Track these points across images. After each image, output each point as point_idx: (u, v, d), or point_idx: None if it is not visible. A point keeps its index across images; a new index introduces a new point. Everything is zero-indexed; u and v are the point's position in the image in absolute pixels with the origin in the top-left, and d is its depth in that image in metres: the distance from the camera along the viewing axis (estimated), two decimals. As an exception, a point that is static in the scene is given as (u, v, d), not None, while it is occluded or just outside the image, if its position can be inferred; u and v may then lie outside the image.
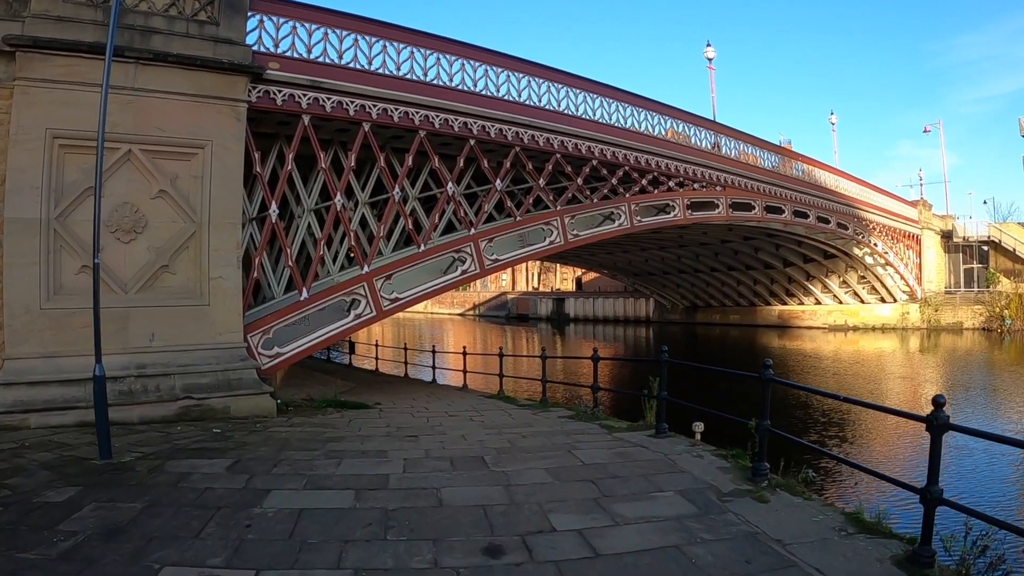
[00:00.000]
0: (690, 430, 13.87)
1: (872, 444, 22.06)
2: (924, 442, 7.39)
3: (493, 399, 22.00)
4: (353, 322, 20.94)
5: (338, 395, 21.23)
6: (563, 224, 26.51)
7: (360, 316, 20.96)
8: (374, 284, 21.22)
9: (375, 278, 21.30)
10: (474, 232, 23.88)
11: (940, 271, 70.04)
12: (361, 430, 14.98)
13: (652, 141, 30.61)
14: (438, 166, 23.16)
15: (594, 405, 16.74)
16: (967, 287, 69.42)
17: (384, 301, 21.39)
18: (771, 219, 40.98)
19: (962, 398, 30.43)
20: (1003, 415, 26.79)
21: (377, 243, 21.94)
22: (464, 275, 23.82)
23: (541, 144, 25.64)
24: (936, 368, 42.06)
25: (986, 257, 70.15)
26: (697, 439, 12.62)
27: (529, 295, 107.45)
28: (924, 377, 38.36)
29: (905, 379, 37.49)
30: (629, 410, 17.38)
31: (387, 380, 30.10)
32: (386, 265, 21.99)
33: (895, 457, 20.36)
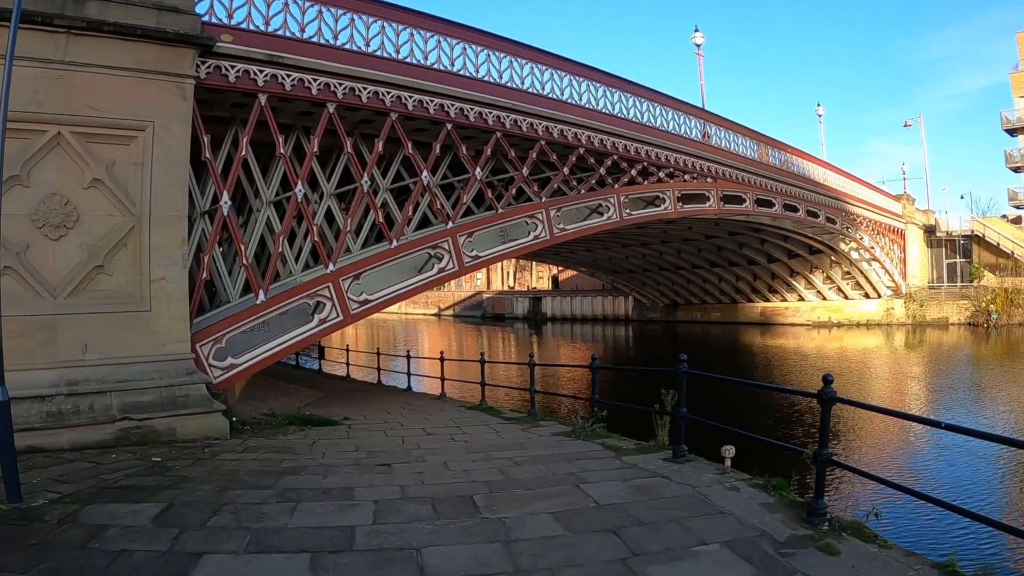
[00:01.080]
0: (707, 448, 11.83)
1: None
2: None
3: (475, 411, 19.88)
4: (317, 328, 18.67)
5: (303, 409, 19.13)
6: (548, 217, 24.39)
7: (325, 321, 18.71)
8: (340, 285, 18.99)
9: (342, 278, 19.06)
10: (452, 226, 21.72)
11: (924, 266, 69.66)
12: (325, 456, 12.76)
13: (641, 129, 28.63)
14: (412, 153, 20.93)
15: (593, 421, 14.58)
16: (950, 282, 69.19)
17: (352, 304, 19.15)
18: (762, 212, 39.27)
19: (957, 397, 29.37)
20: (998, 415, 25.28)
21: (344, 239, 19.68)
22: (441, 274, 21.62)
23: (524, 130, 23.53)
24: (925, 366, 40.89)
25: (969, 252, 69.83)
26: (727, 465, 10.51)
27: (505, 294, 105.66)
28: (913, 375, 37.26)
29: (897, 379, 36.13)
30: (630, 425, 15.22)
31: (359, 388, 27.91)
32: (354, 264, 19.75)
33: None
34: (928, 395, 30.05)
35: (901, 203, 67.39)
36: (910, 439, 20.47)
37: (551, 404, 25.06)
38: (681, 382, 11.39)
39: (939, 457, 18.48)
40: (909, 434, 20.73)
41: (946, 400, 28.51)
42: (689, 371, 11.39)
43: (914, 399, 29.22)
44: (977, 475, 17.08)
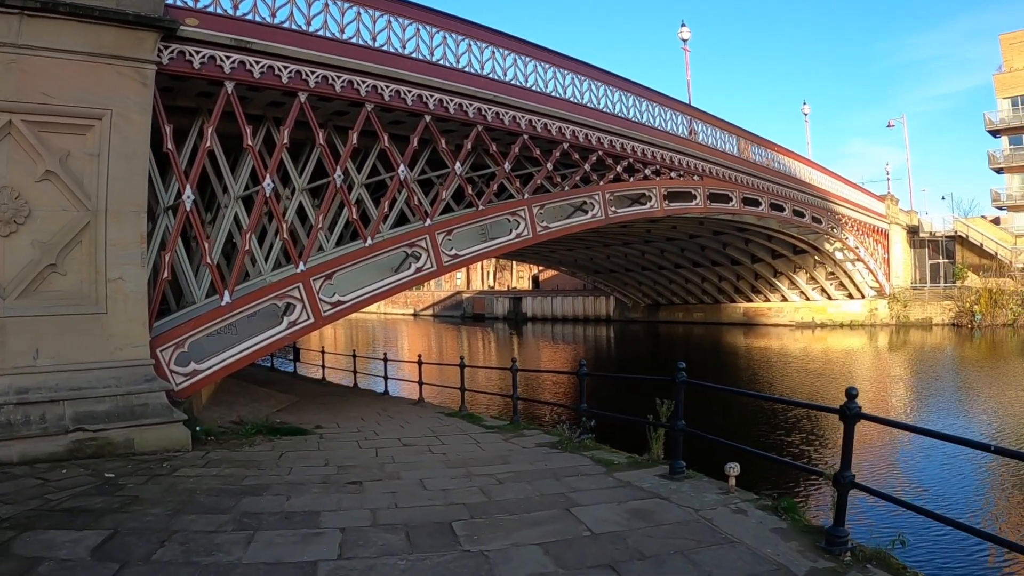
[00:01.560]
0: (704, 460, 10.94)
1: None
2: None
3: (454, 418, 18.93)
4: (287, 331, 17.59)
5: (271, 418, 18.15)
6: (531, 215, 23.41)
7: (295, 323, 17.62)
8: (311, 285, 17.92)
9: (312, 278, 17.98)
10: (430, 223, 20.71)
11: (907, 266, 69.64)
12: (292, 472, 11.73)
13: (627, 124, 27.71)
14: (388, 146, 19.91)
15: (581, 431, 13.61)
16: (933, 282, 69.09)
17: (324, 305, 18.10)
18: (748, 211, 38.52)
19: (950, 401, 28.89)
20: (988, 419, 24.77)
21: (315, 236, 18.60)
22: (419, 273, 20.56)
23: (506, 123, 22.55)
24: (912, 368, 40.16)
25: (952, 252, 69.79)
26: (731, 484, 9.58)
27: (485, 294, 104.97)
28: (902, 377, 36.70)
29: (886, 382, 35.34)
30: (619, 435, 14.28)
31: (334, 392, 26.93)
32: (326, 263, 18.68)
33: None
34: (920, 400, 29.24)
35: (885, 203, 67.13)
36: (912, 451, 19.55)
37: (534, 411, 24.35)
38: (679, 392, 10.47)
39: (951, 471, 17.48)
40: (912, 446, 19.82)
41: (940, 405, 27.81)
42: (688, 380, 10.46)
43: (906, 403, 28.45)
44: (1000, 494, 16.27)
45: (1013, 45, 74.05)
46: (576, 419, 14.26)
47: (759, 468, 10.05)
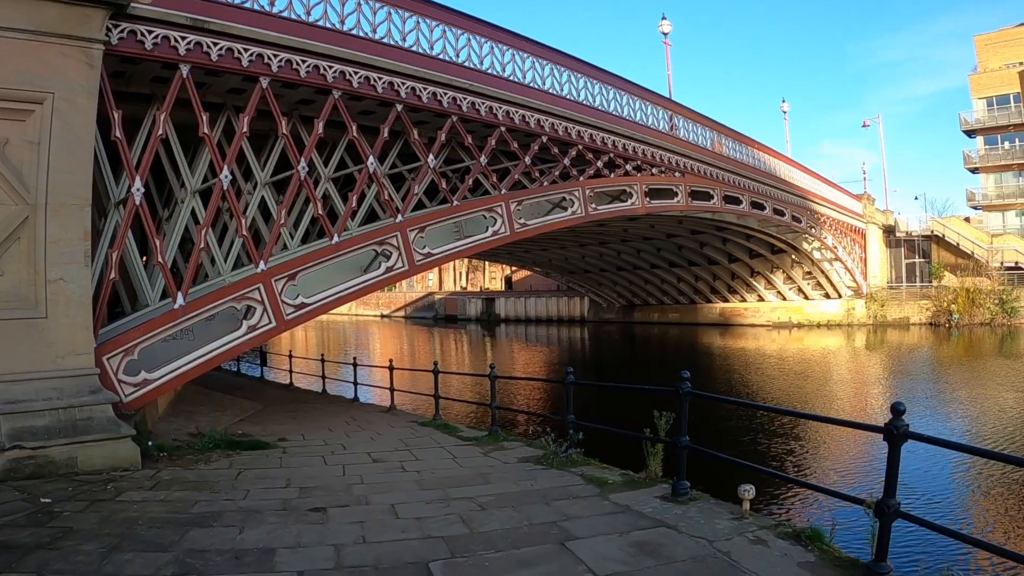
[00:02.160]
0: (702, 474, 9.88)
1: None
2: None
3: (428, 427, 17.70)
4: (247, 335, 16.22)
5: (232, 429, 16.93)
6: (508, 211, 22.21)
7: (256, 328, 16.27)
8: (273, 286, 16.60)
9: (275, 278, 16.66)
10: (401, 220, 19.45)
11: (883, 266, 69.88)
12: (249, 496, 10.46)
13: (608, 118, 26.63)
14: (356, 136, 18.60)
15: (568, 445, 12.42)
16: (909, 282, 69.18)
17: (287, 308, 16.79)
18: (729, 209, 37.62)
19: (931, 401, 28.00)
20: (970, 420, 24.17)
21: (277, 233, 17.29)
22: (389, 273, 19.28)
23: (483, 114, 21.36)
24: (893, 367, 39.56)
25: (928, 252, 69.78)
26: (745, 509, 8.46)
27: (457, 295, 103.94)
28: (877, 378, 36.21)
29: (860, 382, 34.97)
30: (608, 447, 13.12)
31: (302, 399, 25.59)
32: (289, 262, 17.35)
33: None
34: (906, 402, 28.26)
35: (862, 203, 67.21)
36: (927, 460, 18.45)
37: (513, 419, 23.02)
38: (683, 405, 9.33)
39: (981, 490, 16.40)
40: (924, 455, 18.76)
41: (931, 406, 26.89)
42: (694, 392, 9.33)
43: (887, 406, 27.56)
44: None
45: (988, 46, 74.16)
46: (562, 431, 13.05)
47: (761, 483, 8.87)
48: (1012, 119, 71.99)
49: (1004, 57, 72.55)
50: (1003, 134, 73.63)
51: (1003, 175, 74.21)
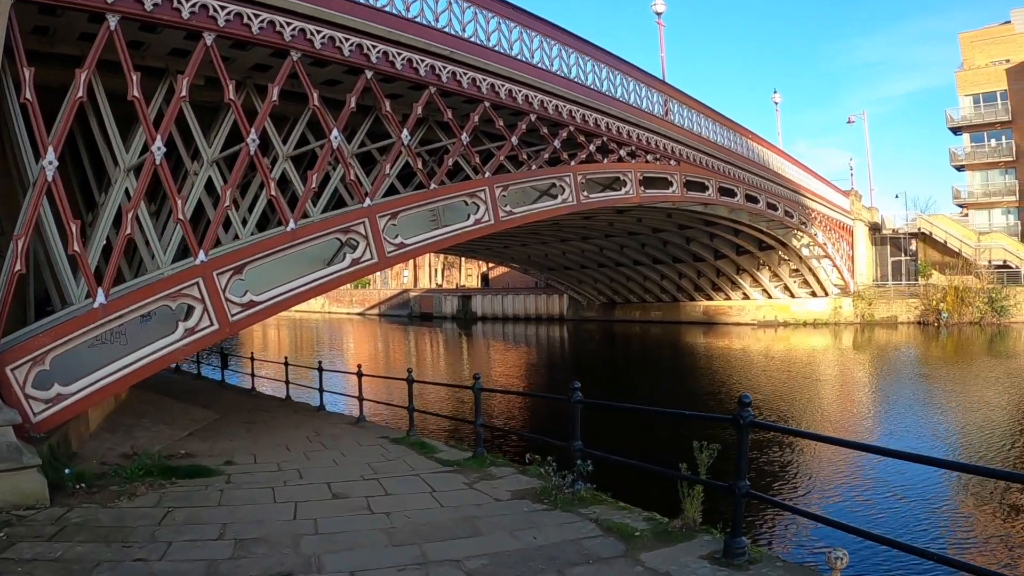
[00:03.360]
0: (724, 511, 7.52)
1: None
2: None
3: (401, 445, 15.17)
4: (183, 340, 13.54)
5: (174, 448, 14.41)
6: (493, 197, 19.68)
7: (195, 330, 13.59)
8: (215, 281, 13.95)
9: (218, 271, 14.00)
10: (369, 205, 16.87)
11: (869, 264, 68.64)
12: (168, 555, 7.92)
13: (601, 98, 24.33)
14: (318, 105, 15.96)
15: (575, 478, 9.92)
16: (895, 280, 67.93)
17: (232, 307, 14.15)
18: (724, 202, 35.57)
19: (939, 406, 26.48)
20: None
21: (220, 217, 14.63)
22: (355, 266, 16.67)
23: (464, 86, 18.89)
24: (887, 370, 37.92)
25: (914, 250, 68.82)
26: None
27: (433, 292, 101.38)
28: (868, 379, 34.66)
29: (851, 383, 33.34)
30: (615, 474, 10.64)
31: (263, 406, 22.92)
32: (235, 252, 14.70)
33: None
34: (910, 408, 26.26)
35: (850, 199, 65.66)
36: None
37: (503, 437, 20.24)
38: (743, 438, 6.92)
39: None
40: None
41: (935, 414, 25.26)
42: (757, 422, 6.95)
43: (887, 408, 25.89)
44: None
45: (974, 43, 73.39)
46: (563, 455, 10.55)
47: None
48: (999, 116, 70.94)
49: (990, 54, 71.70)
50: (989, 131, 72.62)
51: (989, 173, 73.32)
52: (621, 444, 10.73)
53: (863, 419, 25.04)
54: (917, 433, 21.62)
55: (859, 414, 26.06)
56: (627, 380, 36.38)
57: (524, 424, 23.79)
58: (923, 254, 67.56)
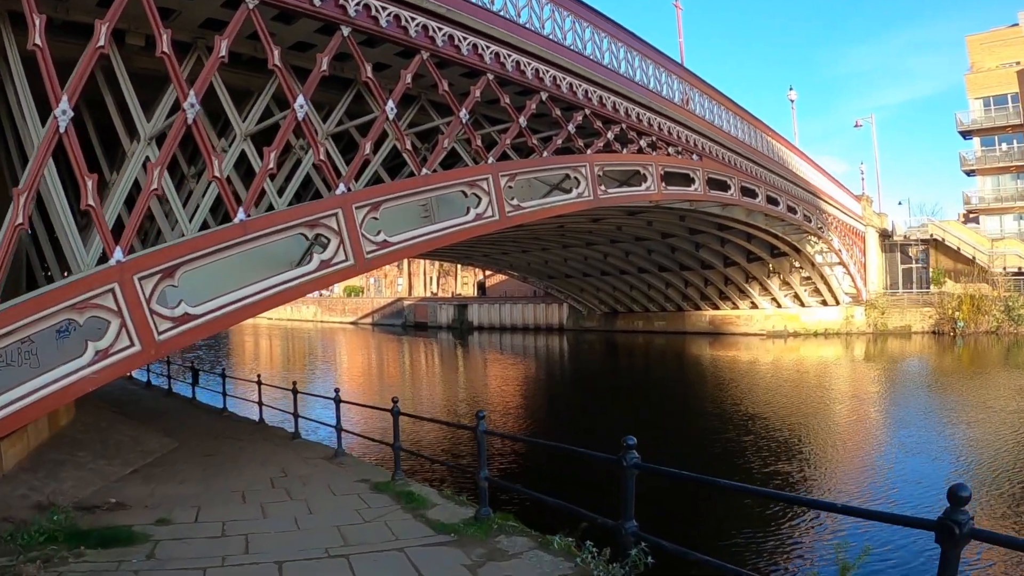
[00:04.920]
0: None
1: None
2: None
3: (385, 494, 12.06)
4: (95, 366, 10.16)
5: (86, 508, 11.25)
6: (498, 188, 16.50)
7: (109, 352, 10.28)
8: (137, 288, 10.75)
9: (140, 275, 10.75)
10: (344, 192, 13.69)
11: (880, 271, 66.20)
12: None
13: (620, 80, 21.30)
14: (278, 64, 12.73)
15: (628, 570, 6.80)
16: (905, 288, 65.52)
17: (160, 321, 10.91)
18: (746, 203, 32.40)
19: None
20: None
21: (143, 206, 11.38)
22: (326, 269, 13.35)
23: (464, 53, 15.73)
24: (901, 383, 35.59)
25: (925, 257, 66.35)
26: None
27: (428, 301, 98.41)
28: (894, 396, 31.67)
29: (881, 402, 30.23)
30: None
31: (230, 432, 19.82)
32: (164, 251, 11.45)
33: None
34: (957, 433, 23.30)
35: (861, 204, 62.68)
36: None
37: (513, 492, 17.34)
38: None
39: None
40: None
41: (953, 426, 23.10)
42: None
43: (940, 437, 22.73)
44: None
45: (983, 46, 71.15)
46: (601, 534, 7.45)
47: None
48: (1010, 119, 68.77)
49: (1000, 56, 69.54)
50: (1000, 135, 70.37)
51: (1001, 178, 70.92)
52: (677, 516, 7.65)
53: (881, 436, 22.96)
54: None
55: (877, 433, 23.74)
56: (635, 397, 33.57)
57: (540, 475, 18.38)
58: (935, 261, 65.31)
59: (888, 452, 20.35)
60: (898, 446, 20.82)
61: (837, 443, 22.02)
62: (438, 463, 17.87)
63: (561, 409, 31.40)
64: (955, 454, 19.84)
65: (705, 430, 23.49)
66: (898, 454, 19.74)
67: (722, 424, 24.09)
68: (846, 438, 22.80)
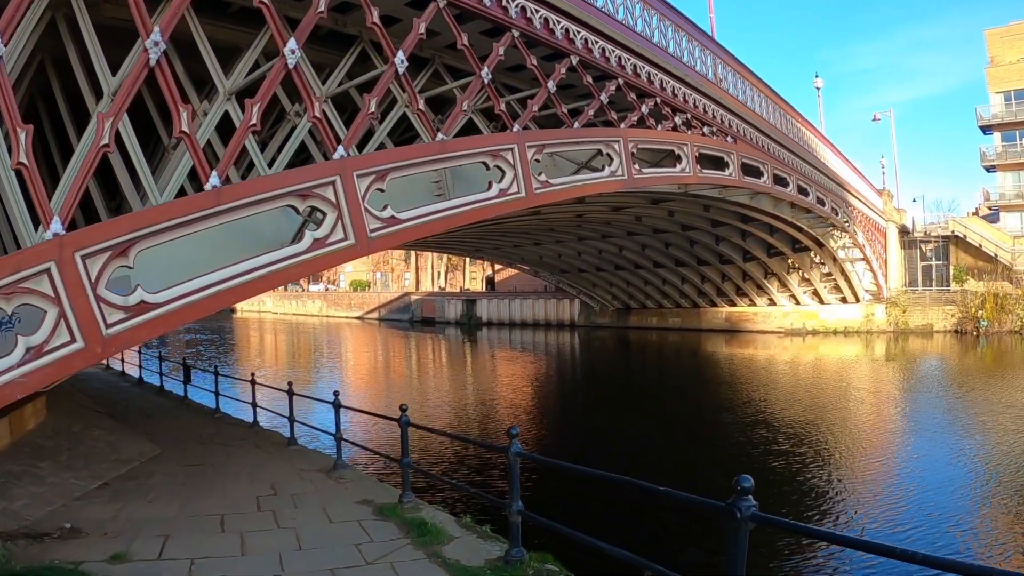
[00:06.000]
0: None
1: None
2: None
3: (390, 521, 10.05)
4: (26, 366, 8.10)
5: (32, 535, 9.37)
6: (524, 161, 14.33)
7: (44, 349, 8.09)
8: (82, 269, 8.61)
9: (83, 252, 8.63)
10: (343, 156, 11.56)
11: (899, 268, 63.71)
12: None
13: (655, 49, 19.17)
14: (265, 2, 10.68)
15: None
16: (925, 285, 63.66)
17: (110, 312, 8.81)
18: (777, 192, 30.23)
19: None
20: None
21: (89, 167, 9.15)
22: (321, 249, 11.14)
23: (487, 3, 13.59)
24: (929, 386, 33.45)
25: (945, 253, 64.17)
26: None
27: (436, 296, 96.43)
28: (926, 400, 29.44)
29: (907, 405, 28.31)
30: None
31: (220, 436, 17.73)
32: (114, 224, 9.31)
33: None
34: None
35: (882, 199, 60.71)
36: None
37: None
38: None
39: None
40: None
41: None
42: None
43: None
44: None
45: (1003, 39, 69.10)
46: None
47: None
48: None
49: (1020, 50, 67.69)
50: (1022, 130, 68.46)
51: (1022, 173, 68.88)
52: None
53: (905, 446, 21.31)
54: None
55: (902, 442, 21.97)
56: (653, 399, 31.88)
57: (576, 499, 13.85)
58: (955, 258, 63.11)
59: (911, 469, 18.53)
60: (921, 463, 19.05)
61: (856, 453, 20.30)
62: (457, 486, 15.44)
63: (580, 412, 29.26)
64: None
65: (747, 444, 21.52)
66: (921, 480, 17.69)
67: (772, 434, 22.18)
68: (867, 448, 21.04)
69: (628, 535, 6.98)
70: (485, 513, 11.10)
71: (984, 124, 70.52)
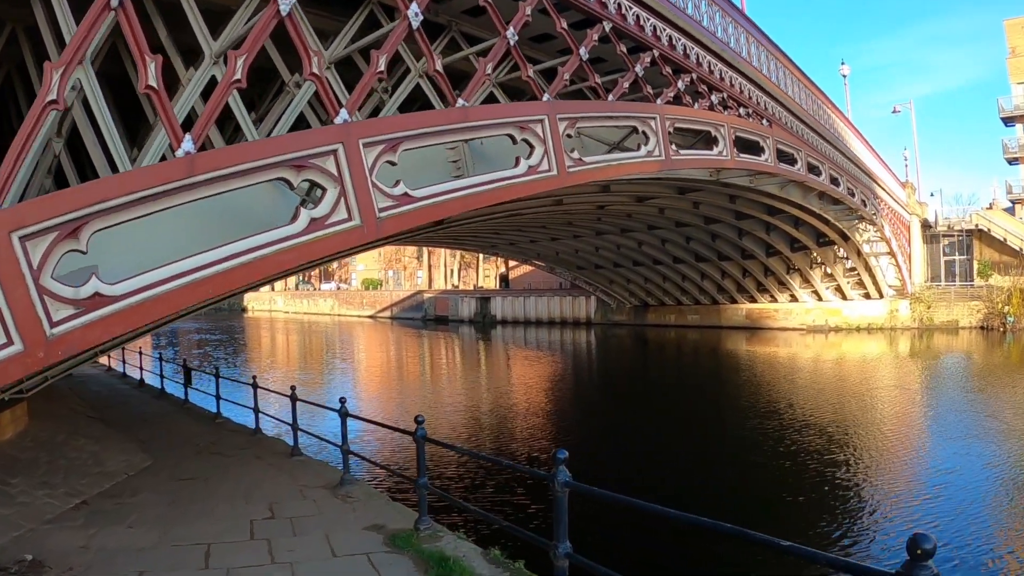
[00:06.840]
0: None
1: None
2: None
3: (404, 554, 8.53)
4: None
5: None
6: (555, 134, 12.63)
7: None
8: (20, 256, 6.88)
9: (23, 233, 6.89)
10: (347, 121, 9.88)
11: (922, 263, 62.30)
12: None
13: (690, 20, 17.56)
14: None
15: None
16: (948, 281, 62.10)
17: (59, 308, 7.07)
18: (811, 180, 28.57)
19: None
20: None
21: (29, 132, 7.39)
22: (320, 231, 9.31)
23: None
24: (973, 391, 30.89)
25: (967, 248, 62.68)
26: None
27: (449, 294, 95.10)
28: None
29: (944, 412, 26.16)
30: None
31: (218, 447, 16.19)
32: (61, 195, 7.53)
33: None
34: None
35: (907, 191, 59.05)
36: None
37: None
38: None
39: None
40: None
41: None
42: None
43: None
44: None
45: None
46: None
47: None
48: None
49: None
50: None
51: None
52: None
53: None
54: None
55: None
56: (681, 400, 30.42)
57: (626, 527, 12.47)
58: (979, 253, 61.52)
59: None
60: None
61: (887, 458, 18.88)
62: (483, 513, 13.56)
63: (612, 423, 27.33)
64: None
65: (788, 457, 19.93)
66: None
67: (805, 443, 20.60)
68: (899, 454, 19.54)
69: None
70: (515, 539, 9.45)
71: (1006, 116, 68.25)
